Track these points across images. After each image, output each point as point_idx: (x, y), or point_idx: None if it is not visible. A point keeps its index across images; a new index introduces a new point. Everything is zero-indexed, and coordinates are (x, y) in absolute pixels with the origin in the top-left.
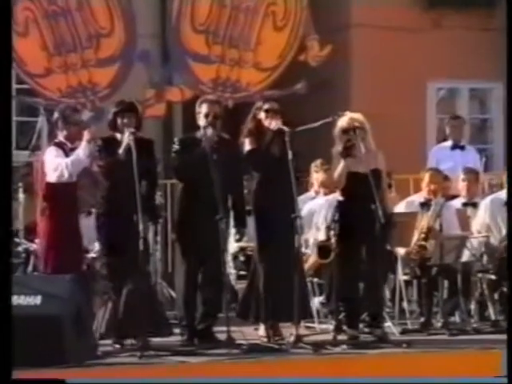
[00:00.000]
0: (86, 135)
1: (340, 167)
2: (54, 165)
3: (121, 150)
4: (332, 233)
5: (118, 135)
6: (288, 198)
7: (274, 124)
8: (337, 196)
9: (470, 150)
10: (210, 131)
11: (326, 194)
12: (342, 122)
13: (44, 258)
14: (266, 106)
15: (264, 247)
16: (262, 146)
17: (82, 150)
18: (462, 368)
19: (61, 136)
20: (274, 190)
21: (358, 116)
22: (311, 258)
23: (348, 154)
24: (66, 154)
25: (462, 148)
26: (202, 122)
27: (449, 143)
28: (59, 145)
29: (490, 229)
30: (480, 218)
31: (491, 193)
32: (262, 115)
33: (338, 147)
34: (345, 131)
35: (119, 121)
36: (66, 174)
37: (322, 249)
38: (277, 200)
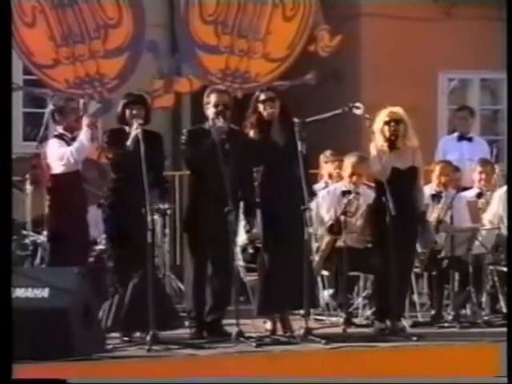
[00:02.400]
0: (85, 120)
1: (384, 162)
2: (59, 154)
3: (129, 142)
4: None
5: (127, 128)
6: (296, 189)
7: (266, 113)
8: (339, 186)
9: (479, 142)
10: (219, 122)
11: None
12: (383, 114)
13: (50, 250)
14: (262, 97)
15: (270, 240)
16: (265, 137)
17: (84, 136)
18: (468, 360)
19: (60, 128)
20: (279, 181)
21: (397, 109)
22: (324, 242)
23: (394, 147)
24: (68, 145)
25: (470, 139)
26: (210, 112)
27: (456, 134)
28: (60, 137)
29: (502, 220)
30: (493, 209)
31: (504, 184)
32: (260, 106)
33: (378, 141)
34: (387, 124)
35: (128, 113)
36: (72, 161)
37: (333, 225)
38: (283, 192)
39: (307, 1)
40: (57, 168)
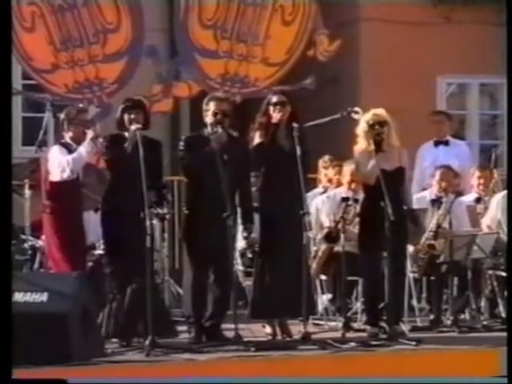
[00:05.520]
0: (90, 133)
1: (372, 163)
2: (57, 162)
3: (127, 144)
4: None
5: (126, 133)
6: (295, 194)
7: (276, 117)
8: (339, 192)
9: (455, 144)
10: (219, 130)
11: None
12: (367, 118)
13: (48, 255)
14: (274, 99)
15: (268, 244)
16: (271, 140)
17: (84, 148)
18: (468, 365)
19: (67, 137)
20: (280, 185)
21: (381, 111)
22: (321, 248)
23: (379, 150)
24: (70, 154)
25: (446, 143)
26: (209, 119)
27: (432, 140)
28: (64, 145)
29: (500, 225)
30: (491, 214)
31: (503, 188)
32: (270, 109)
33: (362, 144)
34: (371, 127)
35: (126, 117)
36: (68, 171)
37: (330, 232)
38: (283, 196)
39: (306, 5)
40: (55, 175)
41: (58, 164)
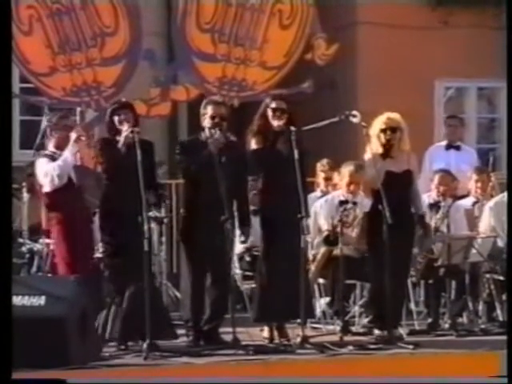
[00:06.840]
0: (73, 135)
1: (378, 167)
2: (44, 172)
3: (120, 144)
4: (338, 230)
5: (118, 137)
6: (294, 197)
7: (276, 124)
8: (337, 195)
9: (466, 151)
10: (216, 134)
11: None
12: (380, 121)
13: (60, 265)
14: (273, 105)
15: (270, 248)
16: (268, 145)
17: (68, 152)
18: (465, 368)
19: (50, 145)
20: (279, 189)
21: (395, 116)
22: (320, 252)
23: (387, 155)
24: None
25: (458, 148)
26: (207, 123)
27: (444, 143)
28: (49, 156)
29: (495, 231)
30: (485, 220)
31: (500, 192)
32: (269, 113)
33: (374, 147)
34: (383, 132)
35: (116, 119)
36: (56, 177)
37: (329, 235)
38: (283, 200)
39: (304, 9)
40: (46, 186)
41: (45, 174)
